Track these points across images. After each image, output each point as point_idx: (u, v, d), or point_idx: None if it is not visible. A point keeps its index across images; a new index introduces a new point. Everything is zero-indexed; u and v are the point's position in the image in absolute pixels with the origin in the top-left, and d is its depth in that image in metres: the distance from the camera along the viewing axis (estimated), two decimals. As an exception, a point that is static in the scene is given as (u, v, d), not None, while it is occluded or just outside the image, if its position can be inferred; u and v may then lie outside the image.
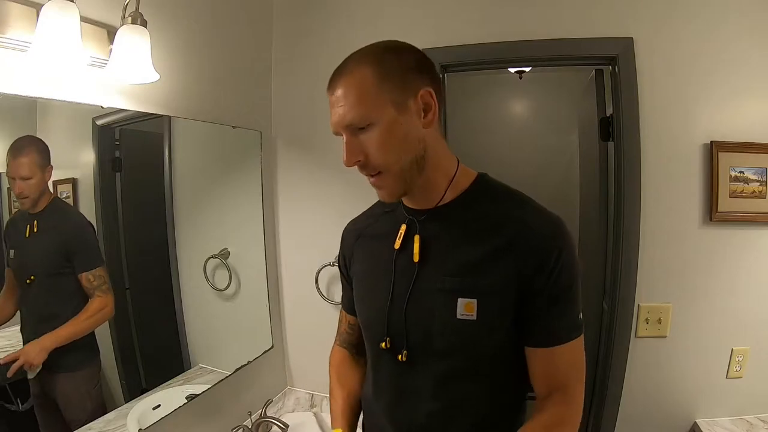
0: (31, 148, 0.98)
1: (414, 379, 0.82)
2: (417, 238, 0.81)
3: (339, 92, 0.74)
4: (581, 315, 0.79)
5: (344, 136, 0.75)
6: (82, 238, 1.13)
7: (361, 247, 0.93)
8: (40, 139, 1.00)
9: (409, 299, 0.80)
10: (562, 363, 0.77)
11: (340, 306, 1.06)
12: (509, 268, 0.74)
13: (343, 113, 0.73)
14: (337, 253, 1.01)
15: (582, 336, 0.78)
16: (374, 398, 0.91)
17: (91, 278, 1.11)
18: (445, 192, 0.81)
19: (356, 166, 0.76)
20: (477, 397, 0.81)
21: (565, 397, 0.78)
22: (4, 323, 0.99)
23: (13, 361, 0.95)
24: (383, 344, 0.83)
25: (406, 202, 0.85)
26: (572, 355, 0.78)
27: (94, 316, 1.12)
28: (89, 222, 1.12)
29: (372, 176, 0.77)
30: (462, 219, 0.80)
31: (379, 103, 0.72)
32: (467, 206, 0.81)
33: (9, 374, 0.95)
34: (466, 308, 0.75)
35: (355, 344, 1.02)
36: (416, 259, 0.80)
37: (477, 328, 0.76)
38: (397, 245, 0.83)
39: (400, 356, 0.81)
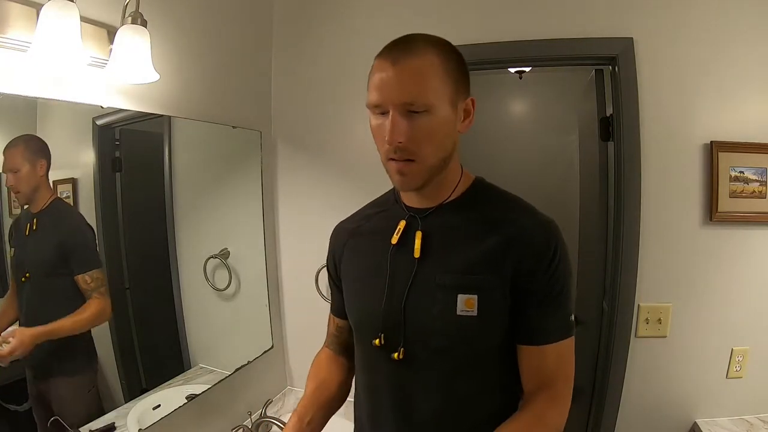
0: (19, 141, 0.97)
1: (412, 378, 0.81)
2: (419, 234, 0.82)
3: (404, 67, 0.71)
4: (573, 317, 0.80)
5: (391, 113, 0.72)
6: (79, 239, 1.12)
7: (353, 246, 0.92)
8: (34, 136, 0.99)
9: (408, 295, 0.80)
10: (550, 361, 0.79)
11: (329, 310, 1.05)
12: (507, 266, 0.76)
13: (403, 89, 0.71)
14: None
15: (572, 338, 0.80)
16: (368, 399, 0.89)
17: (88, 280, 1.09)
18: (452, 192, 0.83)
19: (389, 146, 0.73)
20: (475, 395, 0.81)
21: (552, 394, 0.79)
22: (12, 324, 0.99)
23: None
24: (377, 341, 0.82)
25: (406, 200, 0.86)
26: (561, 355, 0.79)
27: (90, 317, 1.10)
28: (89, 225, 1.11)
29: (401, 161, 0.74)
30: (463, 218, 0.82)
31: (441, 95, 0.73)
32: (468, 206, 0.83)
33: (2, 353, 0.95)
34: (466, 304, 0.76)
35: (344, 346, 1.01)
36: (417, 254, 0.81)
37: (477, 325, 0.76)
38: (394, 240, 0.83)
39: (396, 354, 0.80)
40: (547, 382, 0.79)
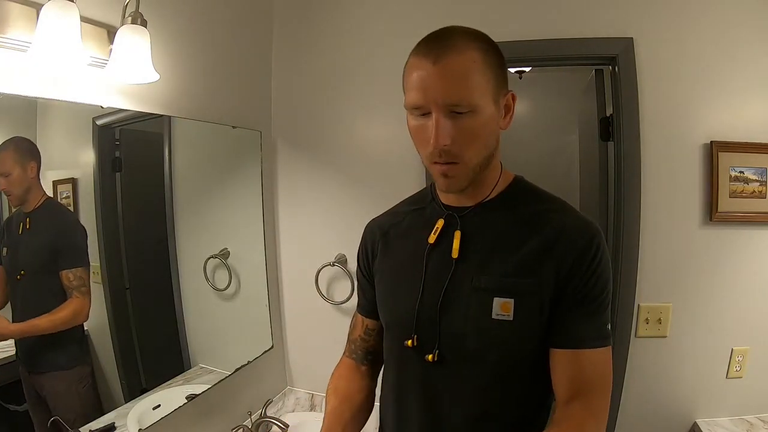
0: (9, 144, 0.97)
1: (443, 381, 0.79)
2: (458, 233, 0.79)
3: (447, 65, 0.67)
4: (609, 326, 0.76)
5: (434, 114, 0.69)
6: (69, 237, 1.12)
7: (387, 244, 0.90)
8: (24, 138, 0.99)
9: (444, 296, 0.78)
10: (587, 369, 0.74)
11: (355, 311, 1.01)
12: (548, 269, 0.73)
13: (447, 90, 0.67)
14: (338, 253, 0.99)
15: (610, 349, 0.76)
16: (396, 401, 0.87)
17: (71, 277, 1.09)
18: (491, 191, 0.81)
19: (434, 150, 0.70)
20: (506, 402, 0.78)
21: (589, 405, 0.73)
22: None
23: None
24: (409, 342, 0.80)
25: (444, 198, 0.84)
26: (598, 364, 0.74)
27: (66, 316, 1.10)
28: (81, 224, 1.12)
29: (445, 164, 0.72)
30: (502, 218, 0.79)
31: (484, 93, 0.69)
32: (508, 206, 0.80)
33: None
34: (502, 308, 0.74)
35: (369, 352, 0.97)
36: (455, 255, 0.78)
37: (512, 329, 0.74)
38: (431, 240, 0.81)
39: (430, 356, 0.78)
40: (584, 392, 0.73)
